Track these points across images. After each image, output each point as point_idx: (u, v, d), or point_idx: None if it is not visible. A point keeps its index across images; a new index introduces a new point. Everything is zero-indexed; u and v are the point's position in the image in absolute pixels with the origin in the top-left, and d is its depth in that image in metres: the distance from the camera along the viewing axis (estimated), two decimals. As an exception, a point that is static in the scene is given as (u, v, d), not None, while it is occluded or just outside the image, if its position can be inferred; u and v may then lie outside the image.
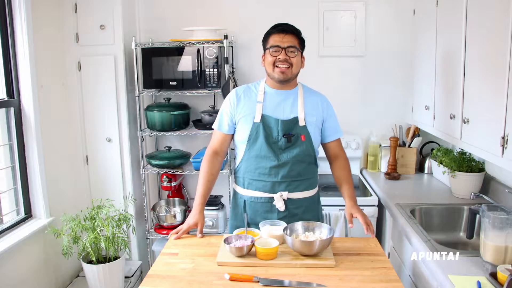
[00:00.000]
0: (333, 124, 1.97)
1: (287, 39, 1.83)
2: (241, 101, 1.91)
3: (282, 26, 1.87)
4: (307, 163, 1.89)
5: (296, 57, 1.85)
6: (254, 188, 1.89)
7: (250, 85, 1.97)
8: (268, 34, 1.88)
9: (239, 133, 1.90)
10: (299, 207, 1.89)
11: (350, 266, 1.56)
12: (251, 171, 1.88)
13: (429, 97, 2.45)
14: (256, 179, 1.88)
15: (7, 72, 2.32)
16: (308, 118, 1.88)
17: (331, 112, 1.97)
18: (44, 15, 2.55)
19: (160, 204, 2.99)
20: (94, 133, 2.87)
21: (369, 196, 2.52)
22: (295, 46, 1.84)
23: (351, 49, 2.97)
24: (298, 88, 1.94)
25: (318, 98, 1.95)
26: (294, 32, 1.86)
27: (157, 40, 2.88)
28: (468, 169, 2.28)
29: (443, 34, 2.26)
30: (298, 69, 1.88)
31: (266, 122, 1.85)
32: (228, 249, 1.62)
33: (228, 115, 1.91)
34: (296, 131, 1.85)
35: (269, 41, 1.86)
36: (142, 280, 1.65)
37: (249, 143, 1.87)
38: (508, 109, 1.58)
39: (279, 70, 1.83)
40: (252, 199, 1.90)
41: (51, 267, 2.59)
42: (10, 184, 2.40)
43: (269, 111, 1.87)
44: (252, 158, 1.87)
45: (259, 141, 1.84)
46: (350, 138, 2.92)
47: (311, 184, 1.93)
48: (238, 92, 1.94)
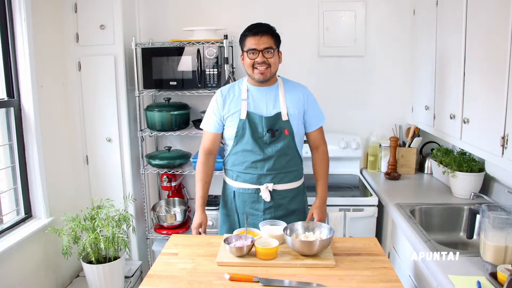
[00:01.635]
0: (315, 113, 2.06)
1: (263, 40, 1.88)
2: (226, 100, 2.00)
3: (257, 28, 1.91)
4: (291, 156, 2.00)
5: (273, 57, 1.91)
6: (242, 180, 2.01)
7: (234, 84, 2.05)
8: (244, 36, 1.93)
9: (228, 130, 2.01)
10: (284, 197, 2.01)
11: (350, 266, 1.56)
12: (239, 165, 2.00)
13: (429, 97, 2.45)
14: (244, 171, 1.99)
15: (7, 72, 2.32)
16: (290, 112, 1.97)
17: (312, 102, 2.05)
18: (44, 15, 2.55)
19: (160, 204, 2.99)
20: (94, 133, 2.87)
21: (369, 196, 2.52)
22: (271, 46, 1.90)
23: (351, 49, 2.97)
24: (278, 84, 2.02)
25: (298, 90, 2.04)
26: (269, 32, 1.91)
27: (157, 40, 2.88)
28: (468, 169, 2.28)
29: (443, 34, 2.26)
30: (276, 67, 1.96)
31: (251, 119, 1.95)
32: (228, 249, 1.62)
33: (216, 115, 2.02)
34: (279, 126, 1.96)
35: (246, 43, 1.92)
36: (142, 280, 1.65)
37: (236, 138, 1.97)
38: (508, 109, 1.58)
39: (258, 71, 1.91)
40: (241, 190, 2.02)
41: (51, 267, 2.59)
42: (10, 184, 2.40)
43: (253, 108, 1.97)
44: (239, 152, 1.98)
45: (246, 137, 1.95)
46: (350, 138, 2.92)
47: (296, 176, 2.05)
48: (223, 92, 2.03)
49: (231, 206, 2.06)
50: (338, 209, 2.44)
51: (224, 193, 2.12)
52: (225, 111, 1.99)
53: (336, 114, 3.04)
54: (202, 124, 2.08)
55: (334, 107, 3.03)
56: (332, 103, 3.04)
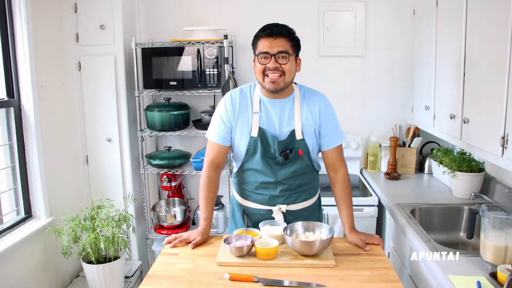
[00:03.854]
0: (332, 129, 1.78)
1: (277, 43, 1.63)
2: (237, 109, 1.74)
3: (271, 28, 1.65)
4: (307, 173, 1.80)
5: (288, 63, 1.65)
6: (253, 200, 1.82)
7: (245, 89, 1.79)
8: (257, 37, 1.68)
9: (236, 145, 1.78)
10: (298, 217, 1.79)
11: (350, 266, 1.56)
12: (249, 184, 1.80)
13: (429, 97, 2.45)
14: (254, 191, 1.80)
15: (7, 72, 2.32)
16: (305, 130, 1.73)
17: (330, 115, 1.79)
18: (44, 15, 2.55)
19: (160, 204, 2.99)
20: (94, 133, 2.87)
21: (369, 196, 2.52)
22: (287, 51, 1.65)
23: (351, 49, 2.97)
24: (294, 95, 1.77)
25: (316, 101, 1.78)
26: (285, 35, 1.65)
27: (157, 40, 2.88)
28: (468, 169, 2.28)
29: (443, 34, 2.26)
30: (292, 76, 1.70)
31: (264, 137, 1.72)
32: (228, 249, 1.62)
33: (226, 124, 1.76)
34: (293, 146, 1.72)
35: (258, 46, 1.67)
36: (142, 280, 1.65)
37: (247, 156, 1.75)
38: (508, 109, 1.58)
39: (269, 80, 1.65)
40: (252, 210, 1.83)
41: (51, 267, 2.59)
42: (10, 184, 2.40)
43: (266, 124, 1.72)
44: (249, 171, 1.78)
45: (257, 157, 1.73)
46: (350, 138, 2.92)
47: (311, 193, 1.85)
48: (234, 98, 1.76)
49: (241, 222, 1.85)
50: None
51: (233, 210, 1.93)
52: (235, 122, 1.74)
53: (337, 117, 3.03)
54: (208, 133, 1.80)
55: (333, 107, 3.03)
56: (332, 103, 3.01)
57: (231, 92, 1.80)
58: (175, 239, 1.75)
